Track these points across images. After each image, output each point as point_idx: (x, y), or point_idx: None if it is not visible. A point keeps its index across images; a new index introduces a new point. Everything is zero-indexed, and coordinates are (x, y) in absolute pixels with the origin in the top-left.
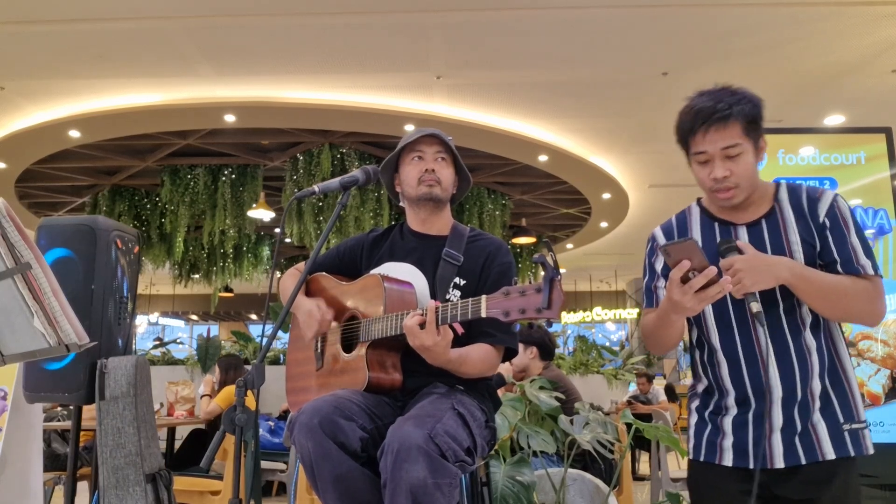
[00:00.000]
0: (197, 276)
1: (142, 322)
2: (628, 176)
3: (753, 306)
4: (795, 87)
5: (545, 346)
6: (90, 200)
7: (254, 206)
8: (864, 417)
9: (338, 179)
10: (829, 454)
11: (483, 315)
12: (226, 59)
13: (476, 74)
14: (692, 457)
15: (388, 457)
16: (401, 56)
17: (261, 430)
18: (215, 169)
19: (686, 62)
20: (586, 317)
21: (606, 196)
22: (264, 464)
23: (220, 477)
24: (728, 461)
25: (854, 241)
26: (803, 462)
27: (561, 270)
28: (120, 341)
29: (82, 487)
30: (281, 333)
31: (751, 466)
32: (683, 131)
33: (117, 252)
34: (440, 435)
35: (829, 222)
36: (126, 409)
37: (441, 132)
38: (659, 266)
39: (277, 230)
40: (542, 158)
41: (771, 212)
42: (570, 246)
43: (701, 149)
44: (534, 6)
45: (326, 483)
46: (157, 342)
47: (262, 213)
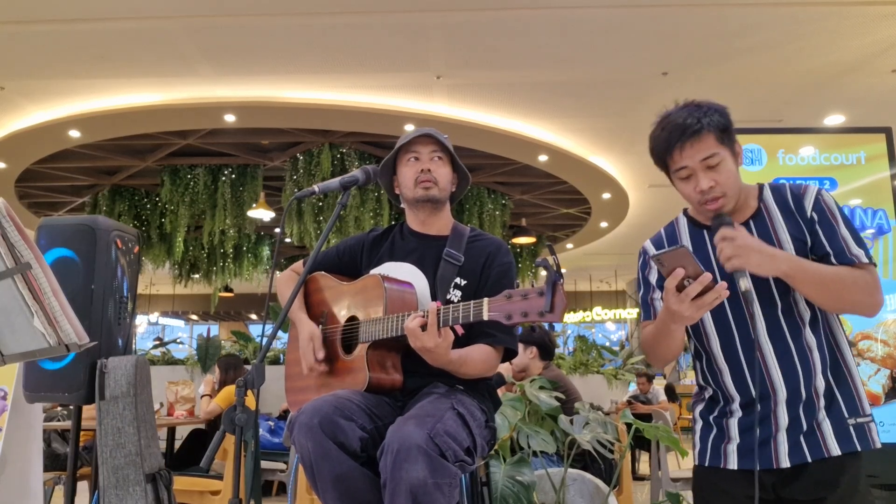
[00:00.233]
0: (197, 276)
1: (142, 322)
2: (628, 176)
3: (742, 283)
4: (795, 87)
5: (545, 347)
6: (90, 200)
7: (254, 206)
8: (868, 411)
9: (338, 179)
10: (835, 451)
11: (485, 318)
12: (226, 59)
13: (476, 74)
14: (698, 462)
15: (387, 457)
16: (401, 56)
17: (261, 430)
18: (215, 169)
19: (686, 62)
20: (586, 317)
21: (606, 196)
22: (264, 464)
23: (220, 477)
24: (733, 464)
25: (844, 232)
26: (809, 460)
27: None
28: (120, 341)
29: (82, 487)
30: (281, 333)
31: (757, 468)
32: (659, 152)
33: (117, 252)
34: (440, 435)
35: (816, 216)
36: (126, 409)
37: (436, 131)
38: (653, 278)
39: (277, 230)
40: (542, 158)
41: (757, 212)
42: (570, 246)
43: (680, 165)
44: (534, 6)
45: (326, 483)
46: (157, 342)
47: (262, 213)
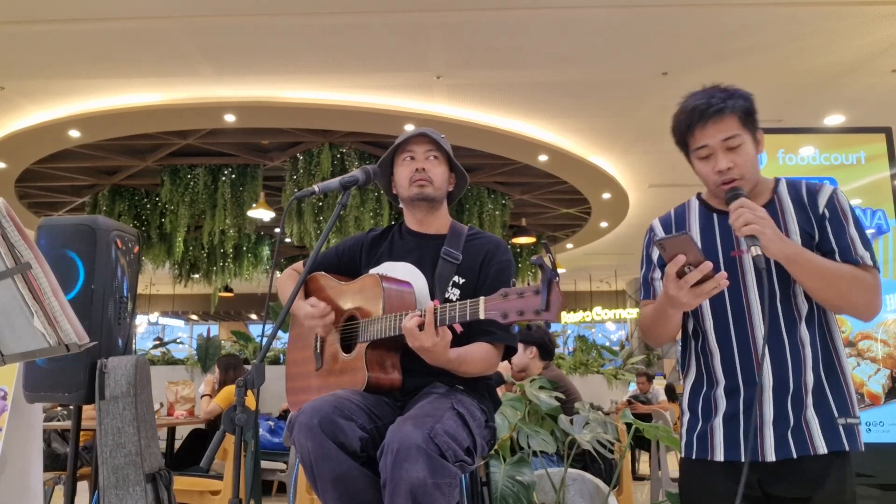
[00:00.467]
0: (197, 276)
1: (142, 322)
2: (628, 176)
3: (753, 250)
4: (795, 87)
5: (545, 346)
6: (90, 200)
7: (254, 206)
8: (857, 413)
9: (338, 179)
10: (822, 448)
11: (481, 317)
12: (226, 59)
13: (476, 74)
14: (684, 454)
15: (387, 457)
16: (401, 56)
17: (261, 430)
18: (215, 169)
19: (686, 62)
20: (586, 317)
21: (606, 196)
22: (264, 464)
23: (220, 477)
24: (719, 456)
25: (853, 232)
26: (794, 455)
27: (560, 271)
28: (120, 341)
29: (82, 487)
30: (281, 333)
31: (742, 459)
32: (681, 130)
33: (117, 252)
34: (440, 435)
35: (828, 213)
36: (126, 409)
37: (431, 131)
38: (656, 257)
39: (277, 230)
40: (542, 158)
41: (770, 203)
42: (570, 246)
43: (702, 143)
44: (534, 6)
45: (326, 483)
46: (157, 342)
47: (262, 213)
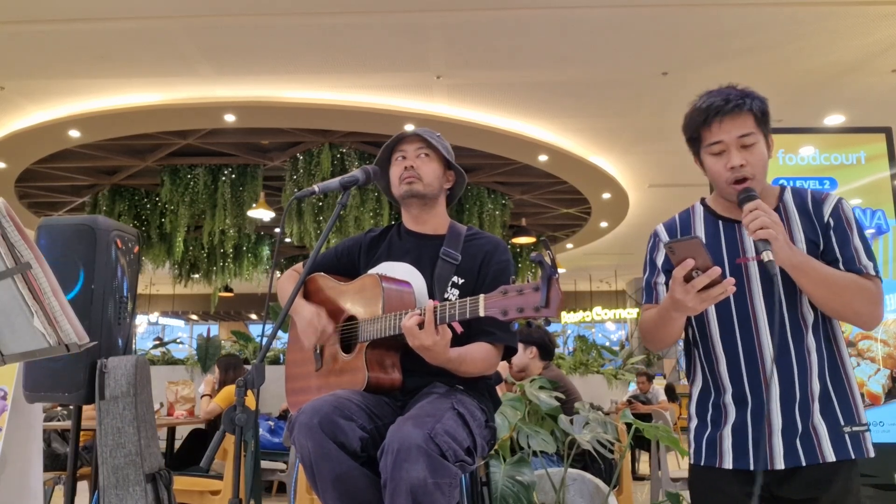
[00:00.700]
0: (197, 276)
1: (142, 322)
2: (628, 176)
3: (766, 255)
4: (795, 87)
5: (545, 346)
6: (90, 200)
7: (254, 205)
8: (865, 420)
9: (338, 179)
10: (830, 456)
11: (481, 314)
12: (226, 59)
13: (476, 74)
14: (693, 461)
15: (387, 457)
16: (401, 56)
17: (261, 430)
18: (215, 169)
19: (686, 62)
20: (586, 317)
21: (606, 196)
22: (264, 464)
23: (220, 477)
24: (728, 464)
25: (857, 242)
26: (804, 464)
27: (560, 270)
28: (120, 341)
29: (82, 487)
30: (281, 333)
31: (751, 468)
32: (695, 125)
33: (117, 252)
34: (440, 435)
35: (833, 222)
36: (126, 409)
37: (423, 130)
38: (660, 262)
39: (277, 230)
40: (542, 158)
41: (775, 210)
42: (570, 246)
43: (717, 138)
44: (534, 6)
45: (326, 483)
46: (157, 342)
47: (262, 213)
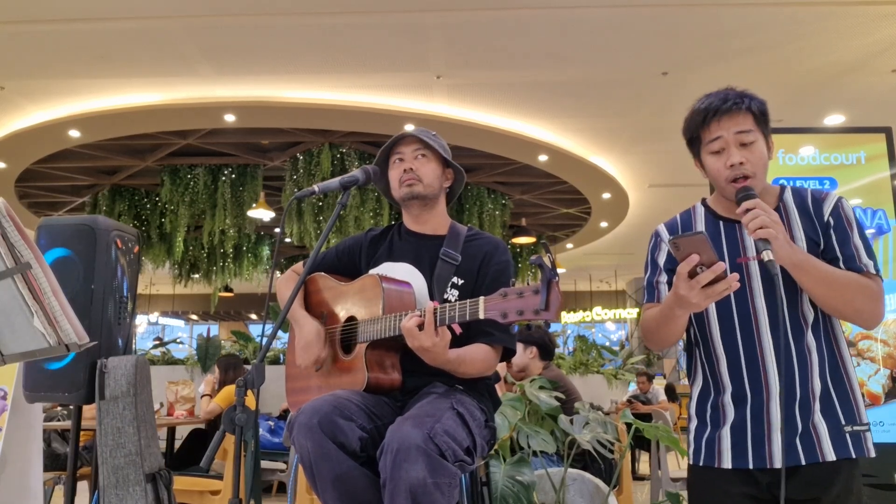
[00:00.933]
0: (197, 276)
1: (142, 322)
2: (628, 176)
3: (766, 254)
4: (795, 87)
5: (545, 346)
6: (90, 200)
7: (254, 205)
8: (866, 419)
9: (338, 179)
10: (830, 455)
11: (481, 317)
12: (226, 59)
13: (476, 74)
14: (692, 461)
15: (387, 457)
16: (401, 56)
17: (261, 430)
18: (215, 169)
19: (686, 62)
20: (586, 317)
21: (606, 196)
22: (264, 464)
23: (220, 477)
24: (727, 463)
25: (857, 240)
26: (803, 462)
27: (560, 270)
28: (120, 341)
29: (82, 487)
30: (281, 333)
31: (750, 467)
32: (695, 125)
33: (117, 252)
34: (439, 435)
35: (833, 221)
36: (126, 409)
37: (419, 130)
38: (662, 261)
39: (277, 230)
40: (542, 158)
41: (775, 209)
42: (570, 246)
43: (716, 135)
44: (534, 6)
45: (326, 483)
46: (157, 342)
47: (262, 213)
